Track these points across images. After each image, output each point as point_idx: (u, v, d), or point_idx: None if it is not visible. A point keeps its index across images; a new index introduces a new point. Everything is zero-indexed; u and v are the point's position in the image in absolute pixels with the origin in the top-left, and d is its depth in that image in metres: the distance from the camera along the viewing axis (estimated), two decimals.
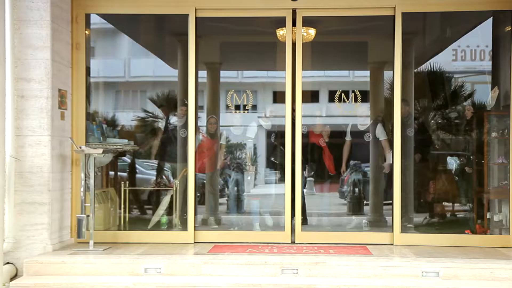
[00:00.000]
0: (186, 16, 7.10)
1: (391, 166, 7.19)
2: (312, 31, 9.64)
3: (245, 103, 7.58)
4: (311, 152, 8.12)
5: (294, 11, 7.36)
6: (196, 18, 7.12)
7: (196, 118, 7.21)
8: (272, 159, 8.04)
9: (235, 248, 6.67)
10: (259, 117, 8.78)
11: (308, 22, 9.46)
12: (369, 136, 7.50)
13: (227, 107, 7.57)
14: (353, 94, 7.51)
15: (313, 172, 8.01)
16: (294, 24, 9.27)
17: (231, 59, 10.63)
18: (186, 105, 7.45)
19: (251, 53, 10.67)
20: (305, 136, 7.18)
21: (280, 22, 9.46)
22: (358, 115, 8.08)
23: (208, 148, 7.93)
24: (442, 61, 7.63)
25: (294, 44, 7.28)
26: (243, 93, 7.62)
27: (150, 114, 8.51)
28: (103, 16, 7.54)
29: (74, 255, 6.34)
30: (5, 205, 6.05)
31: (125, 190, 7.75)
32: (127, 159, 8.22)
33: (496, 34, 7.14)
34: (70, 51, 7.04)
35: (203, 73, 7.90)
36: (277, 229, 7.47)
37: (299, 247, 6.78)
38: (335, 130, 8.43)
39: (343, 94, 7.56)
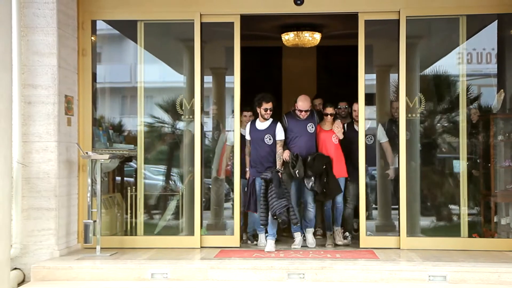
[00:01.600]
0: (191, 22, 7.14)
1: (396, 170, 7.18)
2: (317, 36, 9.67)
3: None
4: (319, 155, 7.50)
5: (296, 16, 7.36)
6: (201, 23, 7.15)
7: (202, 123, 7.23)
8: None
9: (241, 253, 6.67)
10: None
11: (313, 26, 9.51)
12: (371, 138, 7.44)
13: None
14: None
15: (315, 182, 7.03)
16: (298, 28, 9.29)
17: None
18: (215, 103, 7.56)
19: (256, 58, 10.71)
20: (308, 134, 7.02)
21: (285, 26, 9.53)
22: (365, 118, 8.03)
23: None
24: (447, 64, 7.60)
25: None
26: None
27: (157, 119, 8.52)
28: (109, 22, 7.57)
29: (81, 261, 6.36)
30: (12, 210, 6.08)
31: (131, 195, 7.75)
32: (134, 164, 8.23)
33: (501, 37, 7.12)
34: (77, 57, 7.09)
35: (209, 78, 7.93)
36: None
37: (306, 252, 6.77)
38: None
39: None
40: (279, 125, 7.02)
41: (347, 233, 7.39)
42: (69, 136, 6.88)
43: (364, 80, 7.20)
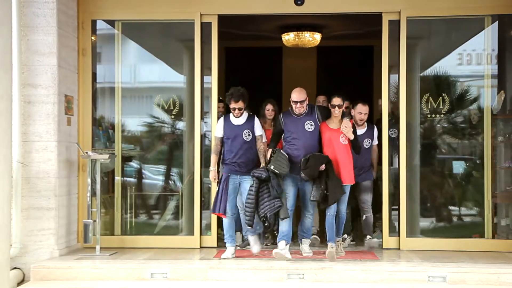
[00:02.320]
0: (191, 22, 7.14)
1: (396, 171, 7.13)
2: (317, 36, 9.68)
3: None
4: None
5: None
6: (201, 23, 7.15)
7: (201, 123, 7.23)
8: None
9: (241, 253, 6.67)
10: None
11: (313, 27, 9.52)
12: (369, 142, 6.79)
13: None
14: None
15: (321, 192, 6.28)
16: (299, 29, 9.29)
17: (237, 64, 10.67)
18: (222, 101, 7.34)
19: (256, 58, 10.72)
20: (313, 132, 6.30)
21: (286, 27, 9.54)
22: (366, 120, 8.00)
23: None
24: (447, 65, 7.59)
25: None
26: None
27: (157, 119, 8.52)
28: (109, 22, 7.57)
29: (81, 260, 6.36)
30: (12, 210, 6.08)
31: (131, 195, 7.76)
32: (134, 164, 8.24)
33: (501, 38, 7.12)
34: (77, 57, 7.09)
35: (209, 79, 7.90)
36: None
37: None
38: None
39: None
40: (257, 120, 6.48)
41: (345, 235, 7.02)
42: (69, 136, 6.88)
43: (389, 82, 7.11)
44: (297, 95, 6.27)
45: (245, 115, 6.45)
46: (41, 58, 6.53)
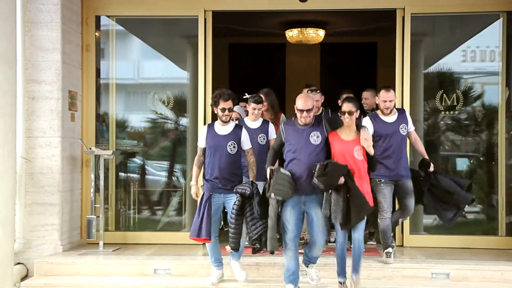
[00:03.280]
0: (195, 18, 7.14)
1: None
2: (321, 32, 9.67)
3: None
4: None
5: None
6: (205, 19, 7.14)
7: (205, 120, 7.23)
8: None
9: (244, 250, 6.66)
10: None
11: (317, 23, 9.51)
12: (405, 128, 6.10)
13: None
14: None
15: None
16: (302, 25, 9.28)
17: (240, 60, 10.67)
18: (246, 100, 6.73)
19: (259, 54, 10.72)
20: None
21: (289, 23, 9.53)
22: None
23: None
24: (451, 62, 7.58)
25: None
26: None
27: (160, 115, 8.53)
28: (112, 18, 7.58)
29: (84, 256, 6.37)
30: (16, 205, 6.09)
31: (134, 191, 7.77)
32: (137, 160, 8.26)
33: (508, 34, 7.09)
34: (80, 53, 7.09)
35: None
36: None
37: None
38: None
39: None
40: (244, 132, 5.63)
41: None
42: (73, 132, 6.89)
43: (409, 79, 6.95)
44: (303, 102, 5.22)
45: (232, 124, 5.64)
46: (45, 54, 6.54)
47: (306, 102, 5.23)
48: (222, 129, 5.58)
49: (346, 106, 5.23)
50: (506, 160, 7.09)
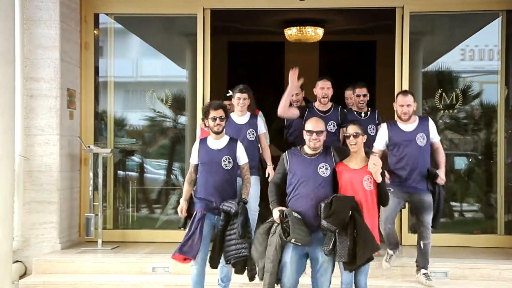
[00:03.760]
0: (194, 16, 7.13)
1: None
2: (320, 31, 9.66)
3: None
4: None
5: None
6: (204, 17, 7.13)
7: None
8: None
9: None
10: None
11: (315, 21, 9.50)
12: (423, 138, 5.61)
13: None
14: None
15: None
16: (301, 23, 9.26)
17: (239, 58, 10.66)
18: (229, 98, 6.27)
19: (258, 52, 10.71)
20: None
21: (288, 21, 9.52)
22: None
23: None
24: (450, 60, 7.59)
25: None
26: None
27: (159, 114, 8.53)
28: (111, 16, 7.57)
29: (83, 254, 6.37)
30: (14, 203, 6.08)
31: (133, 189, 7.77)
32: (136, 158, 8.25)
33: (507, 33, 7.09)
34: (79, 50, 7.08)
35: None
36: None
37: None
38: None
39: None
40: (240, 146, 5.21)
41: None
42: (71, 130, 6.88)
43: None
44: (314, 123, 4.75)
45: (226, 138, 5.22)
46: (44, 52, 6.53)
47: (317, 123, 4.76)
48: (216, 143, 5.17)
49: (352, 128, 4.75)
50: (505, 159, 7.10)
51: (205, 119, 5.18)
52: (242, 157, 5.22)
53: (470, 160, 7.81)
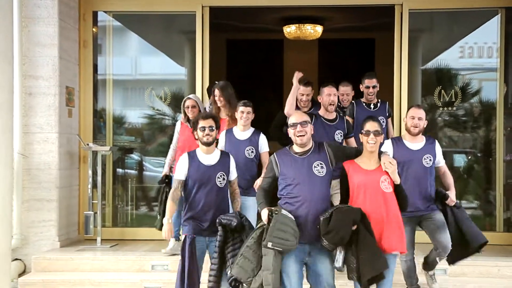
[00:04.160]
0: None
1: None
2: (319, 28, 9.66)
3: None
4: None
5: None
6: (202, 15, 7.12)
7: None
8: None
9: None
10: None
11: (314, 19, 9.50)
12: (430, 160, 5.19)
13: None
14: None
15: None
16: (300, 21, 9.22)
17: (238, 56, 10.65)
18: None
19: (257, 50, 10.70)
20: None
21: (287, 19, 9.51)
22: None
23: None
24: (449, 58, 7.59)
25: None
26: None
27: (158, 111, 8.53)
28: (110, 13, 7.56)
29: (82, 252, 6.37)
30: (13, 201, 6.07)
31: (132, 187, 7.77)
32: (135, 156, 8.26)
33: (507, 31, 7.09)
34: (78, 48, 7.07)
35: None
36: None
37: None
38: None
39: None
40: (232, 160, 4.75)
41: None
42: (70, 128, 6.88)
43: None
44: (298, 116, 4.37)
45: (217, 152, 4.74)
46: (42, 50, 6.52)
47: (301, 115, 4.36)
48: (208, 158, 4.63)
49: (372, 125, 4.22)
50: (504, 156, 7.11)
51: (194, 131, 4.68)
52: (233, 172, 4.76)
53: (469, 157, 7.81)
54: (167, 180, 6.19)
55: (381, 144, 4.56)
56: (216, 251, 4.46)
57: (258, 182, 5.11)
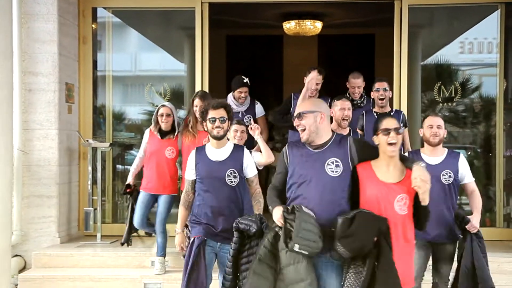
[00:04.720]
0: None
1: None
2: (319, 24, 9.64)
3: None
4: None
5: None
6: (202, 11, 7.10)
7: None
8: None
9: None
10: None
11: (314, 15, 9.48)
12: (450, 176, 4.58)
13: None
14: None
15: None
16: (300, 17, 9.22)
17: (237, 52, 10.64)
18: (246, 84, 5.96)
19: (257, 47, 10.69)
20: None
21: (287, 15, 9.50)
22: None
23: None
24: (449, 53, 7.59)
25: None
26: None
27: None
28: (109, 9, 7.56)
29: (82, 248, 6.38)
30: (13, 198, 6.08)
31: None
32: (134, 152, 8.26)
33: (507, 26, 7.08)
34: (77, 45, 7.06)
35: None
36: None
37: None
38: None
39: None
40: (247, 153, 4.19)
41: None
42: (70, 124, 6.87)
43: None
44: (301, 104, 3.85)
45: (229, 145, 4.21)
46: (42, 46, 6.51)
47: (301, 104, 3.78)
48: (217, 153, 4.12)
49: (389, 122, 3.41)
50: (504, 151, 7.11)
51: (204, 123, 4.17)
52: (250, 168, 4.16)
53: (469, 153, 7.81)
54: (128, 190, 5.89)
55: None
56: (230, 260, 3.84)
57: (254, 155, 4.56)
